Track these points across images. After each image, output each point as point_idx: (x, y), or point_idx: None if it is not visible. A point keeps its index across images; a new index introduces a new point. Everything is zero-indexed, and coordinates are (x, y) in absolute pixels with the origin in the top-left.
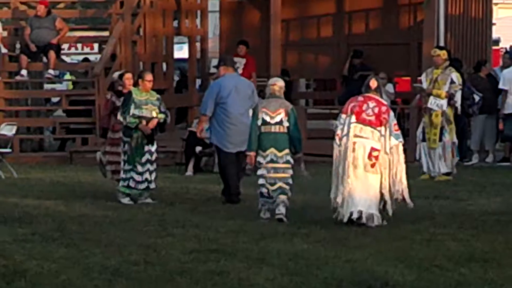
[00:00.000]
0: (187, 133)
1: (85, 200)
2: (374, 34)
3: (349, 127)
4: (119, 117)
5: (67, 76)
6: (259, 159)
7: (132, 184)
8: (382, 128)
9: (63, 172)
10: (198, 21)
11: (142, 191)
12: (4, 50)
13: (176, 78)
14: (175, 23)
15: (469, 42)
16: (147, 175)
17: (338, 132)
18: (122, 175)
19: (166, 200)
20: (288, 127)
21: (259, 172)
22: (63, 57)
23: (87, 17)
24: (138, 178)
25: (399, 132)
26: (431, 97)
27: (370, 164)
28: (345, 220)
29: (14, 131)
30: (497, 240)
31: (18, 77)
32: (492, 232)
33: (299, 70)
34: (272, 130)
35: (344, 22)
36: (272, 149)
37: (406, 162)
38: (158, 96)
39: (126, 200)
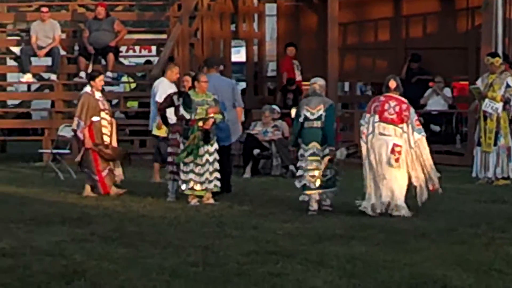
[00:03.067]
0: (245, 136)
1: (144, 201)
2: (432, 38)
3: (373, 126)
4: (185, 114)
5: (125, 78)
6: (301, 152)
7: (193, 185)
8: (404, 125)
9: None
10: (255, 24)
11: (204, 191)
12: (62, 52)
13: None
14: (233, 27)
15: None
16: (207, 175)
17: (364, 130)
18: (182, 177)
19: (224, 202)
20: None
21: (300, 163)
22: (121, 59)
23: (145, 20)
24: (197, 179)
25: (420, 127)
26: (486, 100)
27: (394, 159)
28: (370, 212)
29: (73, 133)
30: None
31: (76, 79)
32: None
33: (356, 74)
34: (314, 125)
35: (401, 26)
36: (314, 143)
37: (463, 165)
38: (215, 96)
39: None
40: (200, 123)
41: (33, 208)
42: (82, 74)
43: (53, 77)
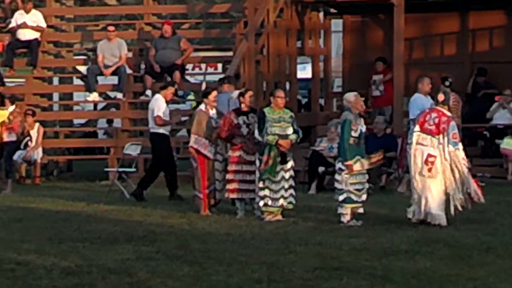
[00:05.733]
0: (310, 152)
1: (209, 218)
2: (498, 51)
3: (412, 136)
4: (257, 135)
5: (191, 96)
6: None
7: (269, 202)
8: (441, 137)
9: (187, 191)
10: (321, 40)
11: (279, 208)
12: (129, 71)
13: None
14: (299, 43)
15: None
16: (282, 192)
17: (408, 141)
18: (258, 193)
19: (289, 218)
20: None
21: None
22: (187, 77)
23: (211, 37)
24: (273, 195)
25: (457, 140)
26: None
27: (427, 169)
28: (411, 218)
29: (138, 151)
30: None
31: (142, 97)
32: None
33: None
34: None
35: (467, 40)
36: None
37: None
38: (292, 113)
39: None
40: (277, 139)
41: (99, 226)
42: (148, 92)
43: (119, 95)
